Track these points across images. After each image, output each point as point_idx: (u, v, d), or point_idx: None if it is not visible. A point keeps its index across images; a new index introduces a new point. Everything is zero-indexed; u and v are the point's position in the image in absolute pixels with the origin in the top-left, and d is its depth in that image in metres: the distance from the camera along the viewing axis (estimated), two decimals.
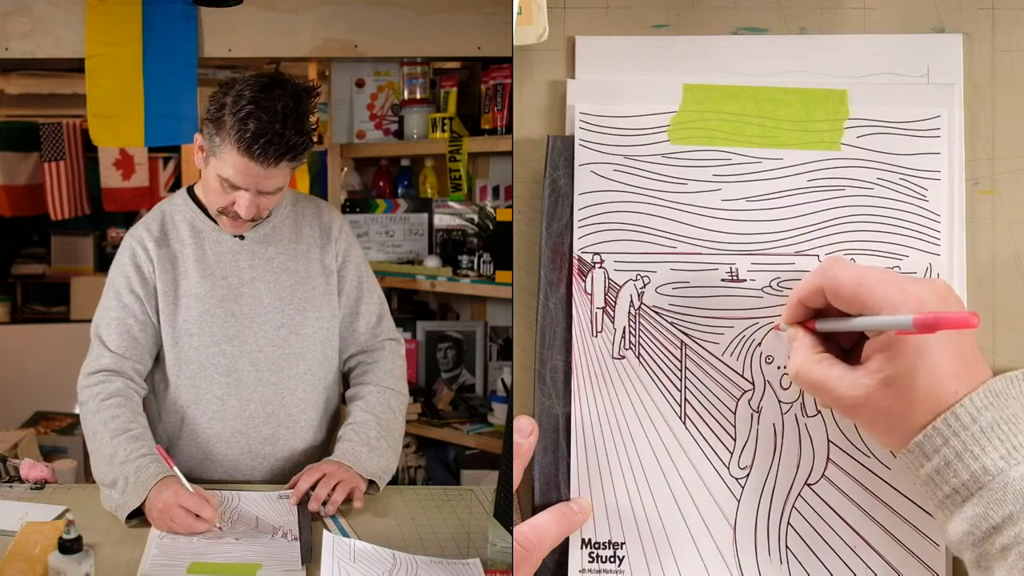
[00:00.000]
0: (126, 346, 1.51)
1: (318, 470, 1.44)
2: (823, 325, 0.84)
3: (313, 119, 1.46)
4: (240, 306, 1.53)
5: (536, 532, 0.86)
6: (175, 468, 1.38)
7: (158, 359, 1.56)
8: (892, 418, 0.78)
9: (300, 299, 1.56)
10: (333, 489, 1.41)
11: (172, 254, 1.53)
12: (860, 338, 0.83)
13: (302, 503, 1.42)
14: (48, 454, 2.47)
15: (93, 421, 1.46)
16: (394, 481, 1.54)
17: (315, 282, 1.58)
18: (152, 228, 1.55)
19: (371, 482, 1.47)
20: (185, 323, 1.53)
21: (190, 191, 1.58)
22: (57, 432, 2.68)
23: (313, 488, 1.42)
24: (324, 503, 1.40)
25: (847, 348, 0.85)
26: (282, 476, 1.55)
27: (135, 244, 1.54)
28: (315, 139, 1.47)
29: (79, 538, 1.11)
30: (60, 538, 1.11)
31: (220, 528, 1.33)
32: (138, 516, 1.35)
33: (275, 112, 1.37)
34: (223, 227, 1.52)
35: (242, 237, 1.54)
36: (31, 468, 1.55)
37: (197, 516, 1.31)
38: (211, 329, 1.52)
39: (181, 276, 1.53)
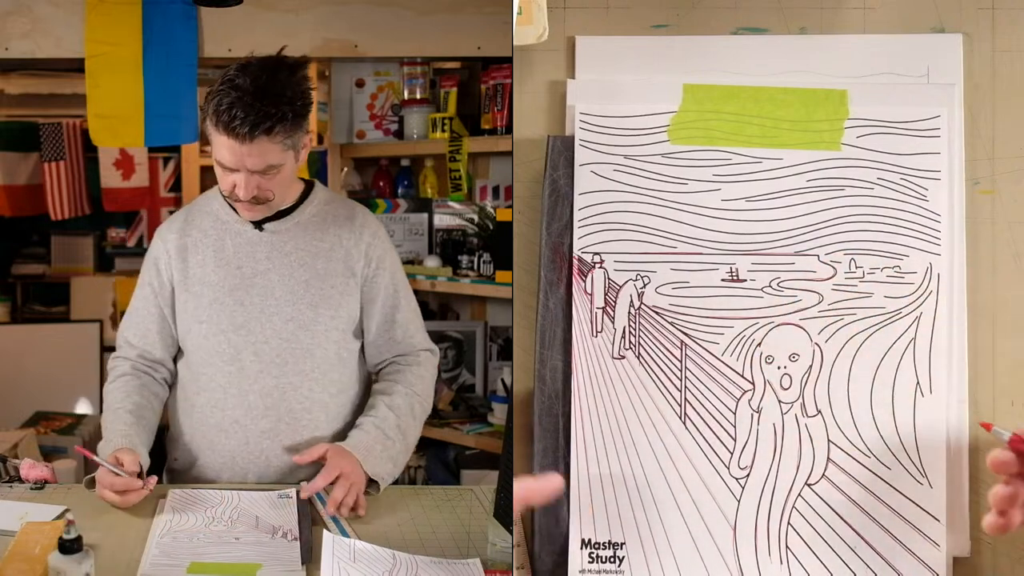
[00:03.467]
0: (140, 336, 1.57)
1: (335, 468, 1.44)
2: None
3: (302, 91, 1.46)
4: (250, 296, 1.54)
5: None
6: (95, 457, 1.40)
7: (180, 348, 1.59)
8: None
9: (314, 295, 1.56)
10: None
11: (191, 243, 1.56)
12: None
13: (302, 502, 1.42)
14: (48, 454, 2.47)
15: (105, 399, 1.55)
16: (394, 481, 1.54)
17: (334, 281, 1.57)
18: (176, 220, 1.60)
19: (372, 481, 1.47)
20: (196, 311, 1.54)
21: None
22: (57, 432, 2.68)
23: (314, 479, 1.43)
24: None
25: None
26: (278, 474, 1.55)
27: (158, 237, 1.61)
28: (302, 111, 1.47)
29: (79, 538, 1.11)
30: (60, 538, 1.11)
31: (144, 485, 1.35)
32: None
33: (245, 87, 1.39)
34: (240, 212, 1.54)
35: (261, 228, 1.55)
36: (31, 468, 1.55)
37: (123, 493, 1.35)
38: (219, 317, 1.53)
39: (197, 265, 1.55)
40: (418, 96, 2.77)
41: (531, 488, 0.87)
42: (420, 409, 1.62)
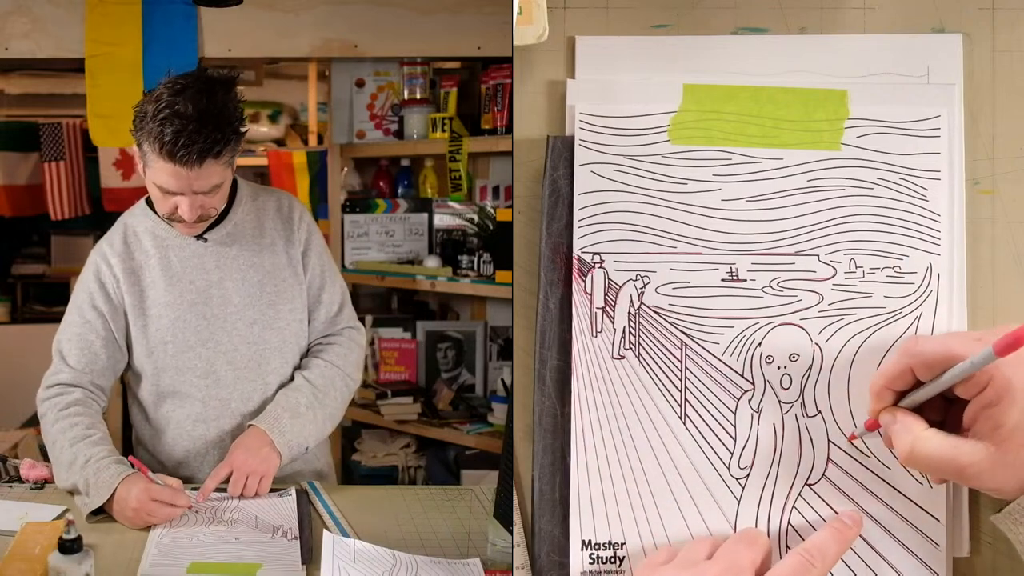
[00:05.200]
0: (86, 362, 1.52)
1: (226, 466, 1.45)
2: (913, 398, 0.82)
3: (238, 109, 1.45)
4: (210, 308, 1.53)
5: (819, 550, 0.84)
6: (149, 474, 1.40)
7: (136, 372, 1.56)
8: (1018, 469, 0.77)
9: (270, 293, 1.57)
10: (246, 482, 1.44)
11: (137, 266, 1.53)
12: (947, 408, 0.83)
13: (302, 501, 1.42)
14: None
15: (52, 431, 1.48)
16: (394, 481, 1.54)
17: (283, 274, 1.58)
18: (115, 243, 1.55)
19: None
20: (158, 332, 1.53)
21: (148, 201, 1.57)
22: None
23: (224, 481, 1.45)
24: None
25: (938, 420, 0.83)
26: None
27: (99, 260, 1.54)
28: (243, 129, 1.46)
29: (79, 538, 1.11)
30: (60, 538, 1.11)
31: (190, 507, 1.36)
32: (99, 513, 1.36)
33: (188, 113, 1.37)
34: (179, 231, 1.52)
35: (205, 239, 1.54)
36: (31, 468, 1.55)
37: (172, 505, 1.34)
38: (184, 335, 1.53)
39: (148, 287, 1.53)
40: (418, 96, 2.77)
41: None
42: (342, 382, 1.63)
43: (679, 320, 0.90)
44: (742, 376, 0.90)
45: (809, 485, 0.89)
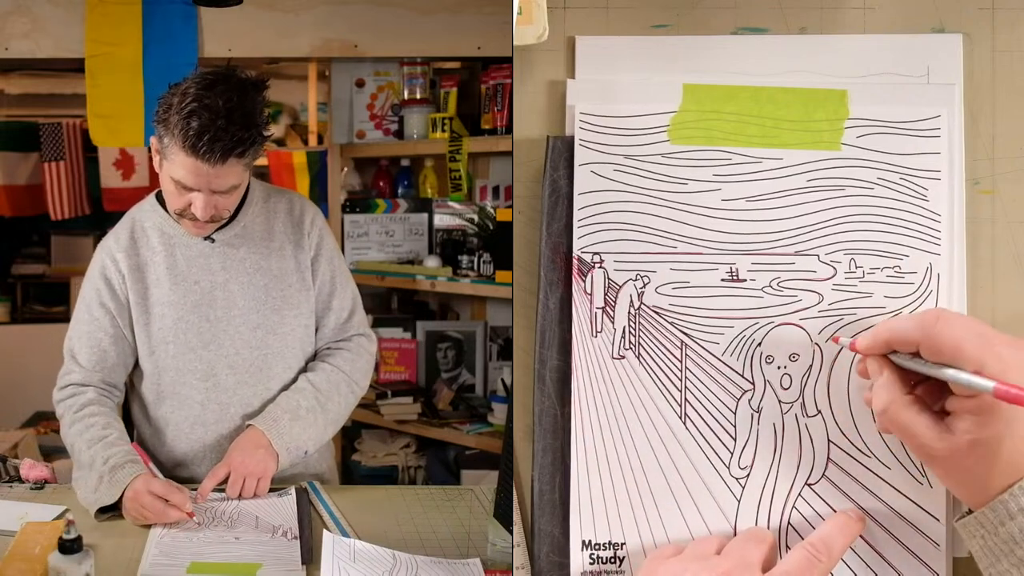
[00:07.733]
0: (96, 360, 1.51)
1: (224, 466, 1.45)
2: (906, 363, 0.81)
3: (264, 113, 1.44)
4: (214, 310, 1.52)
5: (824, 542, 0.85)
6: (151, 465, 1.39)
7: (139, 369, 1.56)
8: (972, 476, 0.79)
9: (275, 298, 1.55)
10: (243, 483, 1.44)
11: (142, 263, 1.52)
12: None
13: (302, 501, 1.42)
14: (48, 454, 2.47)
15: (69, 433, 1.49)
16: (394, 481, 1.54)
17: (290, 279, 1.56)
18: (121, 238, 1.53)
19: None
20: (160, 331, 1.52)
21: (158, 196, 1.55)
22: (57, 432, 2.68)
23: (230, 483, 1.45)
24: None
25: (915, 381, 0.83)
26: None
27: (105, 257, 1.53)
28: (267, 133, 1.45)
29: (79, 538, 1.11)
30: (60, 538, 1.11)
31: (191, 515, 1.33)
32: (109, 511, 1.36)
33: (217, 108, 1.35)
34: (186, 230, 1.50)
35: (212, 240, 1.52)
36: (31, 468, 1.55)
37: (167, 503, 1.32)
38: (186, 336, 1.52)
39: (153, 285, 1.52)
40: (418, 96, 2.77)
41: None
42: (347, 387, 1.61)
43: (679, 320, 0.90)
44: (742, 376, 0.90)
45: (809, 485, 0.89)
